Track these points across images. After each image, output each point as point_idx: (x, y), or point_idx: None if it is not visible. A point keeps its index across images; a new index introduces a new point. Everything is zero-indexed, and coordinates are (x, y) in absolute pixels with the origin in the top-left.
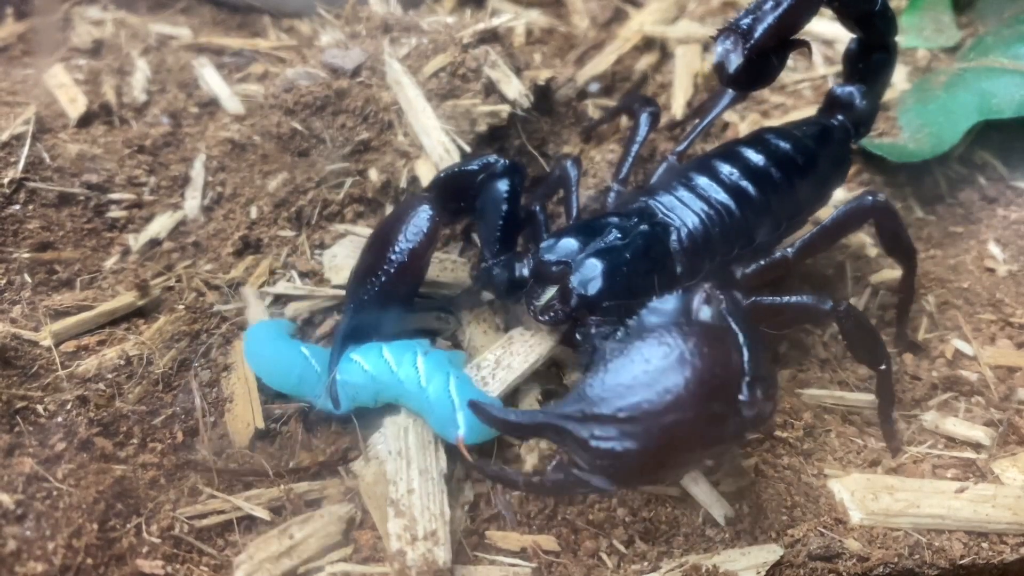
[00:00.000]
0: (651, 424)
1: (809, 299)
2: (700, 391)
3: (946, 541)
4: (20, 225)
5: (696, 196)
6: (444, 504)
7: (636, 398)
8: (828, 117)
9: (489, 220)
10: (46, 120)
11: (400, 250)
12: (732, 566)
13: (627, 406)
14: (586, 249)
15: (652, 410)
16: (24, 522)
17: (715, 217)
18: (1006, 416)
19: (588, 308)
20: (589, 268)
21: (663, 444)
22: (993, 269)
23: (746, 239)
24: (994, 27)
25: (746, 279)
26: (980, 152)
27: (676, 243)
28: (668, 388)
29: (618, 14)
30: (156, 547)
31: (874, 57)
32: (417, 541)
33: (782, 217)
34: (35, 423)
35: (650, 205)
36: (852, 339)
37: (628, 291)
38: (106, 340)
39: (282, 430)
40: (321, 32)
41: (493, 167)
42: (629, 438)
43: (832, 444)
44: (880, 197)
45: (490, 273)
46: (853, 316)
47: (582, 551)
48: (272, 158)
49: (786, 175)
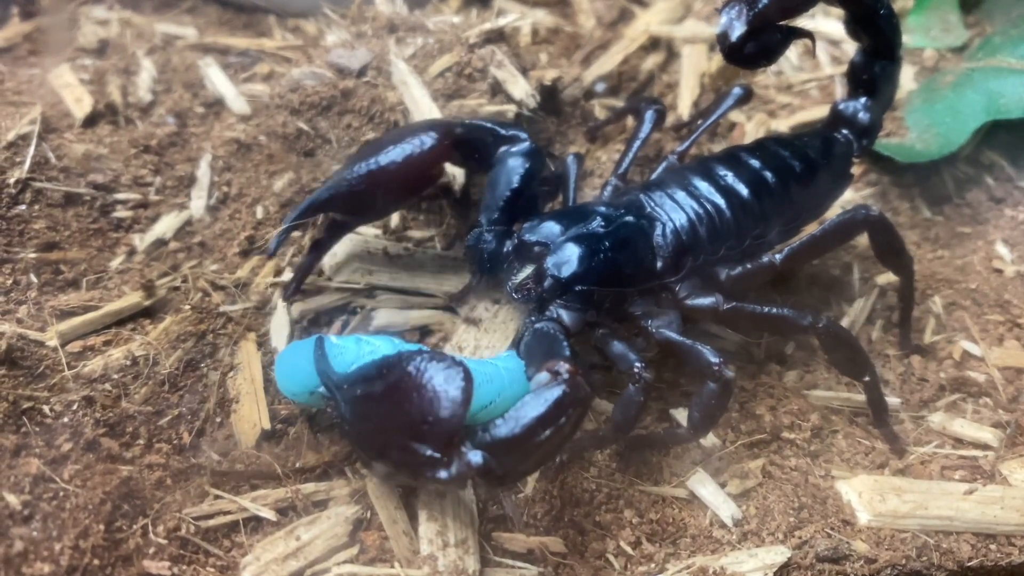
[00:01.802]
0: (360, 411)
1: (789, 312)
2: (406, 426)
3: (954, 543)
4: (26, 225)
5: (688, 194)
6: (474, 513)
7: (366, 391)
8: (832, 130)
9: (497, 190)
10: (52, 120)
11: (398, 151)
12: (739, 568)
13: (360, 395)
14: (566, 233)
15: (367, 408)
16: (31, 523)
17: (704, 217)
18: (1014, 417)
19: (560, 291)
20: (566, 252)
21: (364, 435)
22: (1001, 270)
23: (734, 242)
24: (1002, 27)
25: (730, 280)
26: (988, 152)
27: (660, 238)
28: (391, 397)
29: (624, 14)
30: (162, 548)
31: (879, 67)
32: (448, 547)
33: (774, 224)
34: (41, 424)
35: (640, 199)
36: (833, 354)
37: (603, 279)
38: (112, 340)
39: (288, 431)
40: (327, 32)
41: (519, 141)
42: (348, 418)
43: (839, 445)
44: (873, 211)
45: (479, 238)
46: (832, 332)
47: (589, 553)
48: (278, 158)
49: (782, 182)
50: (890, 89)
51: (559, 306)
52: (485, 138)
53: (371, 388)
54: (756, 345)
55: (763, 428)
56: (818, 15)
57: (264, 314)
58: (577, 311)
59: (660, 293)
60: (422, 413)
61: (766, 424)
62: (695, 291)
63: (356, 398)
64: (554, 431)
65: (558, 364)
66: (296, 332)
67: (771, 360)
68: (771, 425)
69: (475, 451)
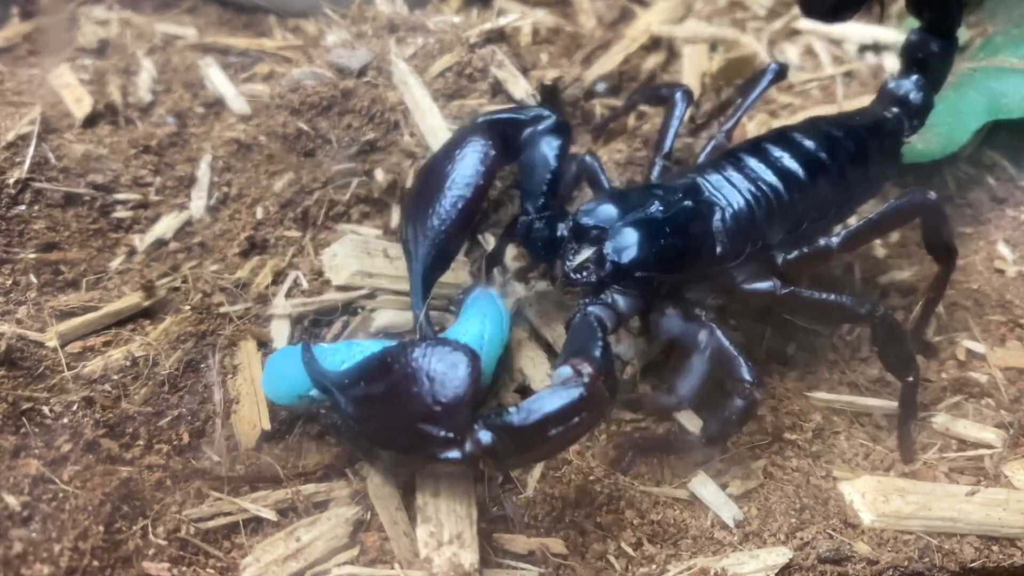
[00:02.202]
0: (363, 404)
1: (848, 300)
2: (416, 410)
3: (956, 544)
4: (26, 226)
5: (745, 177)
6: (471, 506)
7: (368, 383)
8: (882, 109)
9: (536, 175)
10: (51, 120)
11: (461, 184)
12: (741, 569)
13: (362, 389)
14: (625, 217)
15: (372, 399)
16: (30, 524)
17: (762, 200)
18: (1017, 418)
19: (620, 276)
20: (626, 236)
21: (369, 426)
22: (1003, 270)
23: (792, 225)
24: (1003, 26)
25: (787, 265)
26: (989, 152)
27: (719, 223)
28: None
29: (625, 14)
30: (162, 549)
31: (934, 46)
32: (443, 546)
33: (830, 205)
34: (41, 424)
35: (697, 182)
36: (883, 346)
37: (664, 265)
38: (112, 341)
39: (289, 432)
40: (327, 32)
41: (544, 120)
42: (349, 412)
43: (841, 446)
44: (931, 195)
45: (530, 227)
46: (888, 323)
47: (590, 554)
48: (278, 158)
49: (836, 163)
50: (944, 69)
51: (615, 291)
52: (511, 129)
53: (374, 380)
54: (757, 345)
55: (764, 429)
56: None
57: (265, 315)
58: (634, 296)
59: (718, 278)
60: (433, 396)
61: (767, 425)
62: (752, 276)
63: (358, 392)
64: (564, 429)
65: (583, 364)
66: (297, 333)
67: (772, 360)
68: (772, 426)
69: (485, 431)
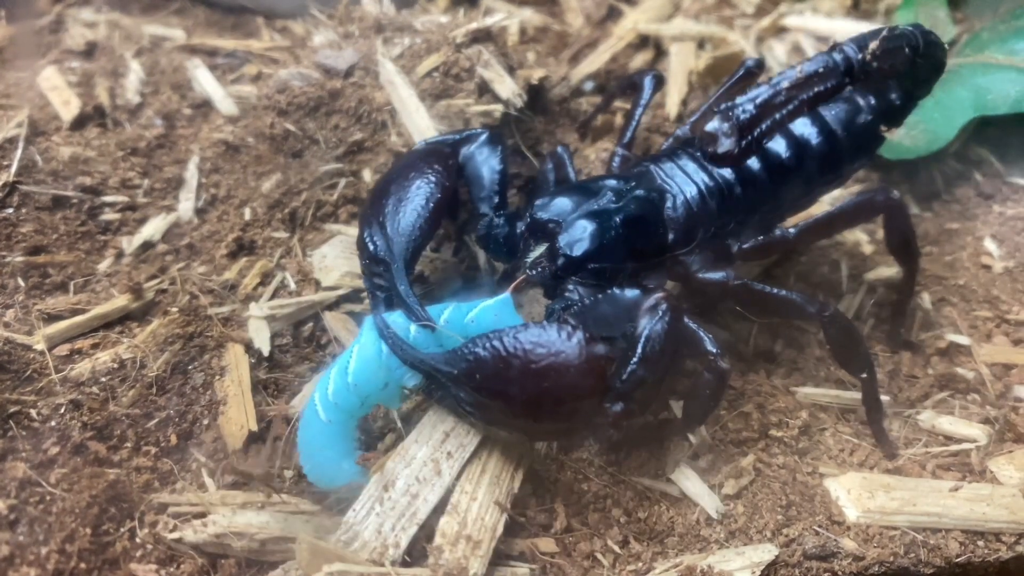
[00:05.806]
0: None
1: (797, 297)
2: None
3: (942, 540)
4: (13, 229)
5: (698, 166)
6: (500, 523)
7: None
8: (860, 97)
9: (485, 181)
10: (39, 123)
11: (424, 202)
12: (727, 566)
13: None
14: (578, 210)
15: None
16: (17, 527)
17: (714, 188)
18: (1002, 413)
19: (573, 269)
20: (578, 229)
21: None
22: (989, 266)
23: (746, 212)
24: (989, 23)
25: (742, 253)
26: (976, 148)
27: (671, 210)
28: (528, 389)
29: (612, 12)
30: (149, 551)
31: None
32: (459, 543)
33: (788, 195)
34: (28, 427)
35: (650, 170)
36: (835, 345)
37: (615, 256)
38: (99, 343)
39: (276, 433)
40: (314, 32)
41: (478, 137)
42: (473, 399)
43: (827, 443)
44: (894, 194)
45: (491, 226)
46: (837, 322)
47: (578, 552)
48: (265, 159)
49: (797, 152)
50: (928, 80)
51: (575, 283)
52: (448, 149)
53: (497, 369)
54: (744, 343)
55: (751, 426)
56: (807, 12)
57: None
58: (592, 287)
59: (672, 266)
60: (572, 380)
61: (754, 422)
62: (707, 265)
63: (481, 381)
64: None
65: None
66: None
67: (759, 358)
68: (759, 423)
69: (620, 390)
